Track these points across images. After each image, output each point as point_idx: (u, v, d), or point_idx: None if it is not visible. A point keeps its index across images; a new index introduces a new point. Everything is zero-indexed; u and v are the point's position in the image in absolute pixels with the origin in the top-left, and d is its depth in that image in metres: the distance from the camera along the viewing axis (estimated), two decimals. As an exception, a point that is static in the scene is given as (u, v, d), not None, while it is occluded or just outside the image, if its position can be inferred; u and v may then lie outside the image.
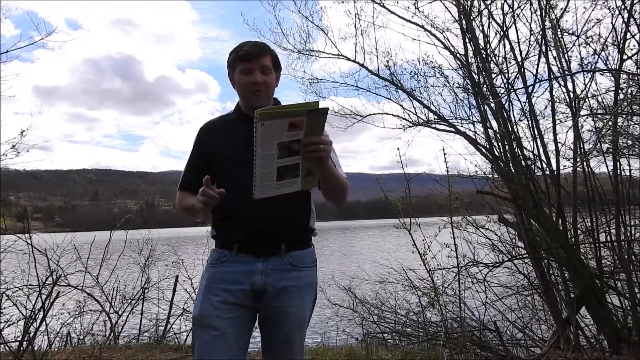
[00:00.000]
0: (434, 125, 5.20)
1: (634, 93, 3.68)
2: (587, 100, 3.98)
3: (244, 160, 1.45)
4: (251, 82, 1.61)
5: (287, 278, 1.60)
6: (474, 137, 4.83)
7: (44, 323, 3.59)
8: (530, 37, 4.17)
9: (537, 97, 4.32)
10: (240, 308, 1.58)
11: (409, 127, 5.34)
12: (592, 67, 3.95)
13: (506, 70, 4.35)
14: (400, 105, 5.45)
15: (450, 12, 4.66)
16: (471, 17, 4.37)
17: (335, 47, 5.63)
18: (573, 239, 4.08)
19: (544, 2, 3.91)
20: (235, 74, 1.65)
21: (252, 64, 1.60)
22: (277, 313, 1.60)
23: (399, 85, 5.35)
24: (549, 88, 4.08)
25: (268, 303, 1.60)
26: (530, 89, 4.16)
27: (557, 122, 4.01)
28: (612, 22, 3.71)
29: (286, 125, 1.33)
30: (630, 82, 3.75)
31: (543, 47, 4.00)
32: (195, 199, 1.52)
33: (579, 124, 3.88)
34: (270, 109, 1.33)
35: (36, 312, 3.45)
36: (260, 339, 1.68)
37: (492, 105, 4.28)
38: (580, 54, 4.01)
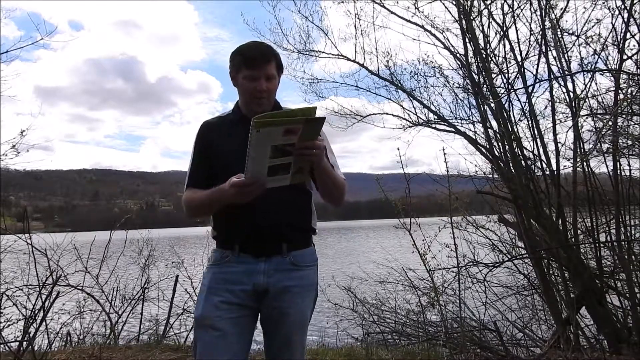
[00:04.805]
0: (434, 125, 5.20)
1: (634, 93, 3.68)
2: (587, 100, 3.98)
3: (243, 161, 1.45)
4: (256, 90, 1.60)
5: (289, 278, 1.61)
6: (474, 137, 4.82)
7: (44, 323, 3.59)
8: (530, 37, 4.18)
9: (537, 97, 4.32)
10: (242, 308, 1.58)
11: (409, 127, 5.34)
12: (592, 67, 3.95)
13: (506, 70, 4.35)
14: (400, 105, 5.45)
15: (450, 12, 4.67)
16: (471, 17, 4.37)
17: (336, 47, 5.63)
18: (573, 239, 4.08)
19: (544, 2, 3.91)
20: (239, 77, 1.63)
21: (258, 72, 1.59)
22: (279, 313, 1.60)
23: (399, 85, 5.35)
24: (549, 88, 4.08)
25: (270, 303, 1.60)
26: (530, 89, 4.16)
27: (557, 122, 4.02)
28: (612, 22, 3.72)
29: (282, 131, 1.33)
30: (630, 82, 3.75)
31: (543, 47, 4.00)
32: (208, 192, 1.55)
33: (579, 124, 3.89)
34: (269, 117, 1.31)
35: (36, 312, 3.45)
36: (262, 339, 1.68)
37: (492, 105, 4.28)
38: (580, 54, 4.02)
